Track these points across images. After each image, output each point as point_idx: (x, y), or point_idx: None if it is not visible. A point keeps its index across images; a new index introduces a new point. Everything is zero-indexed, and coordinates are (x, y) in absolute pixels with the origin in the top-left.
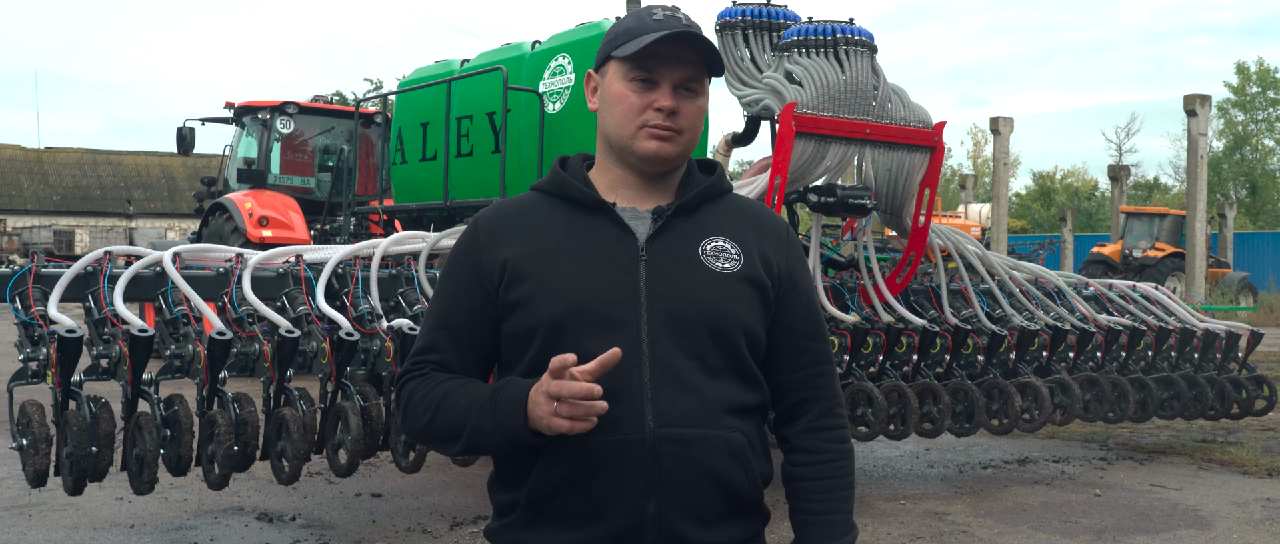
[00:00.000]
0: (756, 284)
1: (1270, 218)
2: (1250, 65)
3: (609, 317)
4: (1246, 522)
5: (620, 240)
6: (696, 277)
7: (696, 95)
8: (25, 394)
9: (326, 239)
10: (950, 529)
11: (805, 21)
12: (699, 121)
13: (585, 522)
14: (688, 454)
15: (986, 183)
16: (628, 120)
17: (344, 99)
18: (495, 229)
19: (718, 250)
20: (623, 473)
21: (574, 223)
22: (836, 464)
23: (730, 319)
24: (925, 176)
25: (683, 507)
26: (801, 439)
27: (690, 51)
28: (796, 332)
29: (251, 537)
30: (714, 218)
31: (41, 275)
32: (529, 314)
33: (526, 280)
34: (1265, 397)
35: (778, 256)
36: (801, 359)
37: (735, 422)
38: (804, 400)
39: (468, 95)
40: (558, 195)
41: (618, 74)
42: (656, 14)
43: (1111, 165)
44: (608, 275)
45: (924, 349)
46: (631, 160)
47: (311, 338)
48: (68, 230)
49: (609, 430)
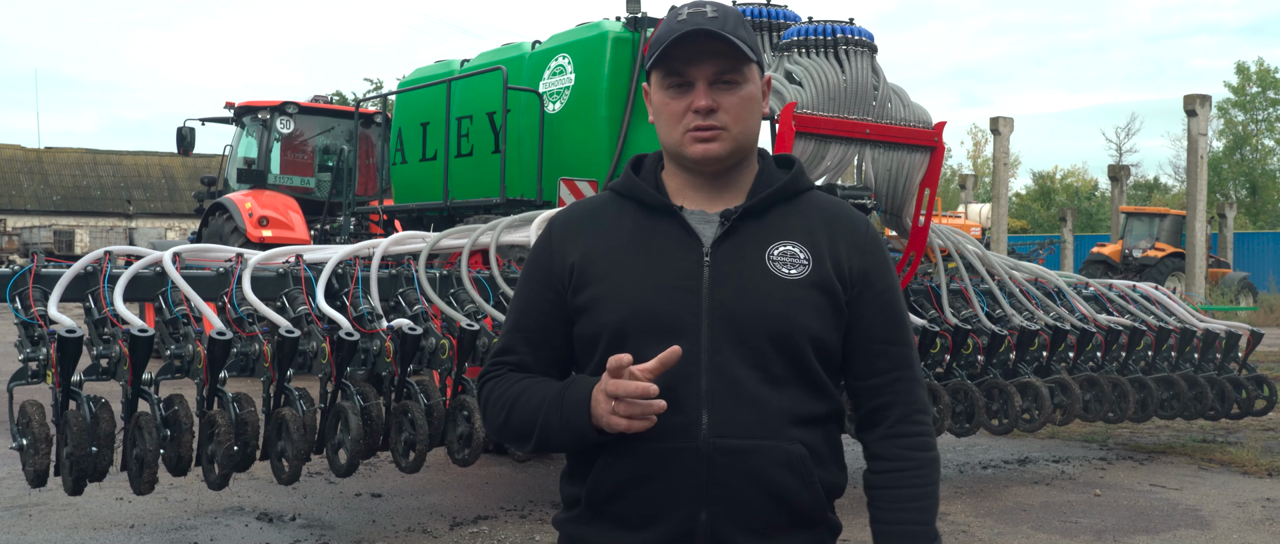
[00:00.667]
0: (826, 290)
1: (1270, 218)
2: (1250, 65)
3: (670, 322)
4: (1246, 522)
5: (685, 244)
6: (761, 283)
7: (737, 86)
8: (25, 394)
9: (326, 239)
10: (950, 529)
11: (805, 21)
12: (746, 112)
13: (640, 525)
14: (742, 465)
15: (986, 183)
16: (672, 127)
17: (344, 99)
18: (567, 232)
19: (785, 255)
20: (676, 480)
21: (641, 225)
22: (915, 472)
23: (795, 327)
24: (925, 176)
25: (735, 517)
26: (880, 446)
27: (717, 44)
28: (871, 336)
29: (251, 537)
30: (785, 220)
31: (41, 275)
32: (594, 319)
33: (592, 284)
34: (1265, 397)
35: (851, 258)
36: (878, 364)
37: (798, 432)
38: (882, 406)
39: (468, 95)
40: (629, 197)
41: (656, 83)
42: (681, 14)
43: (1111, 165)
44: (670, 280)
45: (924, 349)
46: (687, 165)
47: (311, 338)
48: (68, 230)
49: (664, 437)
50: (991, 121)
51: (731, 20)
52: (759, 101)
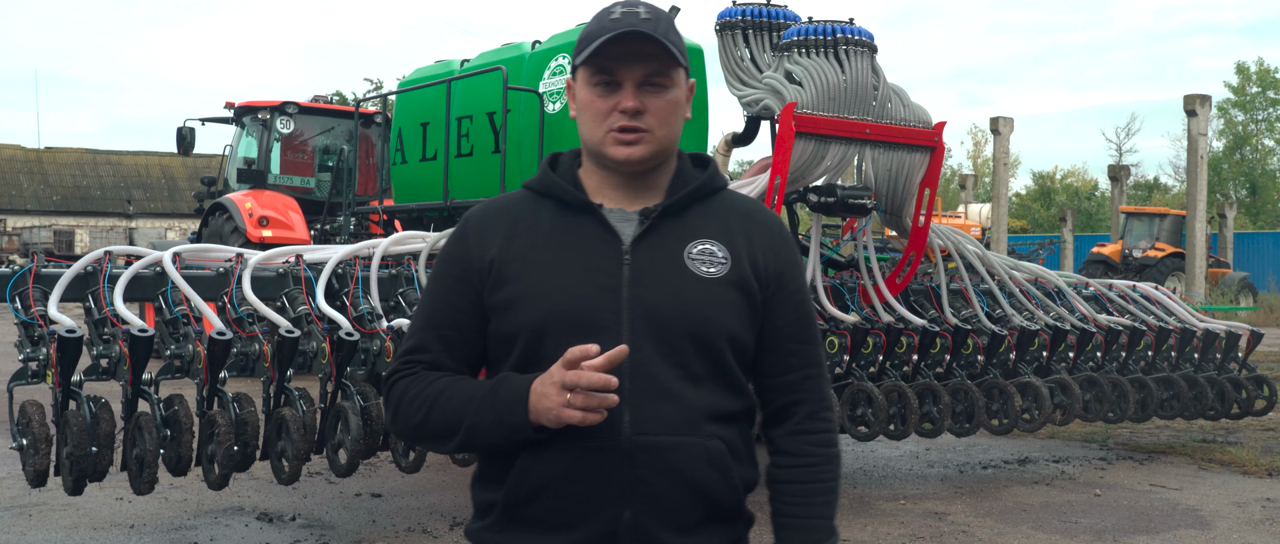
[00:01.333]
0: (743, 288)
1: (1270, 218)
2: (1250, 65)
3: (590, 321)
4: (1246, 522)
5: (605, 243)
6: (680, 281)
7: (664, 89)
8: (25, 394)
9: (326, 239)
10: (950, 529)
11: (805, 21)
12: (671, 116)
13: (561, 527)
14: (665, 462)
15: (986, 183)
16: (596, 126)
17: (344, 99)
18: (483, 229)
19: (704, 254)
20: (599, 479)
21: (560, 224)
22: (819, 468)
23: (713, 326)
24: (925, 176)
25: (659, 514)
26: (786, 442)
27: (648, 46)
28: (785, 334)
29: (251, 537)
30: (703, 218)
31: (41, 275)
32: (512, 317)
33: (510, 283)
34: (1265, 397)
35: (767, 257)
36: (790, 362)
37: (716, 428)
38: (791, 403)
39: (468, 95)
40: (546, 195)
41: (583, 80)
42: (614, 12)
43: (1111, 165)
44: (590, 279)
45: (924, 349)
46: (608, 165)
47: (311, 338)
48: (68, 230)
49: (586, 436)
50: (991, 121)
51: (663, 23)
52: (684, 105)
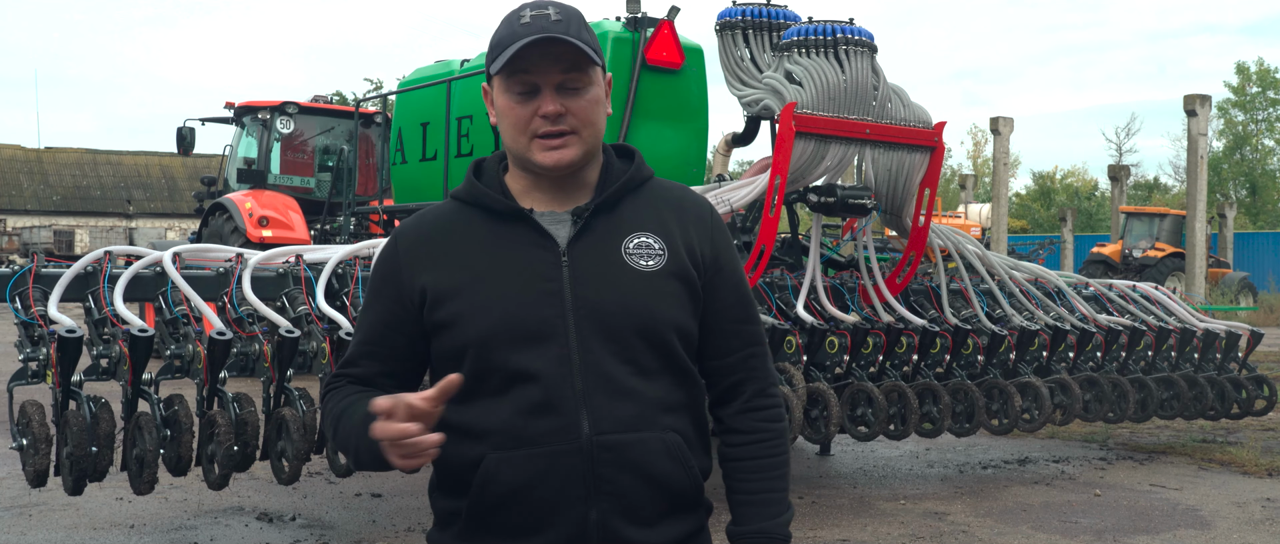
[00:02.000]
0: (683, 278)
1: (1270, 218)
2: (1250, 65)
3: (536, 329)
4: (1246, 522)
5: (541, 247)
6: (621, 278)
7: (583, 89)
8: (25, 394)
9: (326, 239)
10: (950, 529)
11: (805, 21)
12: (593, 114)
13: (528, 532)
14: (625, 459)
15: (986, 183)
16: (519, 133)
17: (344, 99)
18: (414, 248)
19: (641, 247)
20: (563, 483)
21: (493, 234)
22: (771, 443)
23: (659, 319)
24: (925, 176)
25: (624, 511)
26: (736, 420)
27: (563, 49)
28: (725, 316)
29: (251, 537)
30: (636, 211)
31: (41, 275)
32: (456, 334)
33: (449, 301)
34: (1265, 397)
35: (702, 243)
36: (732, 343)
37: (671, 420)
38: (737, 383)
39: (468, 95)
40: (474, 204)
41: (500, 88)
42: (524, 16)
43: (1111, 165)
44: (531, 285)
45: (924, 349)
46: (536, 170)
47: (311, 338)
48: (68, 230)
49: (546, 441)
50: (991, 121)
51: (574, 22)
52: (604, 102)
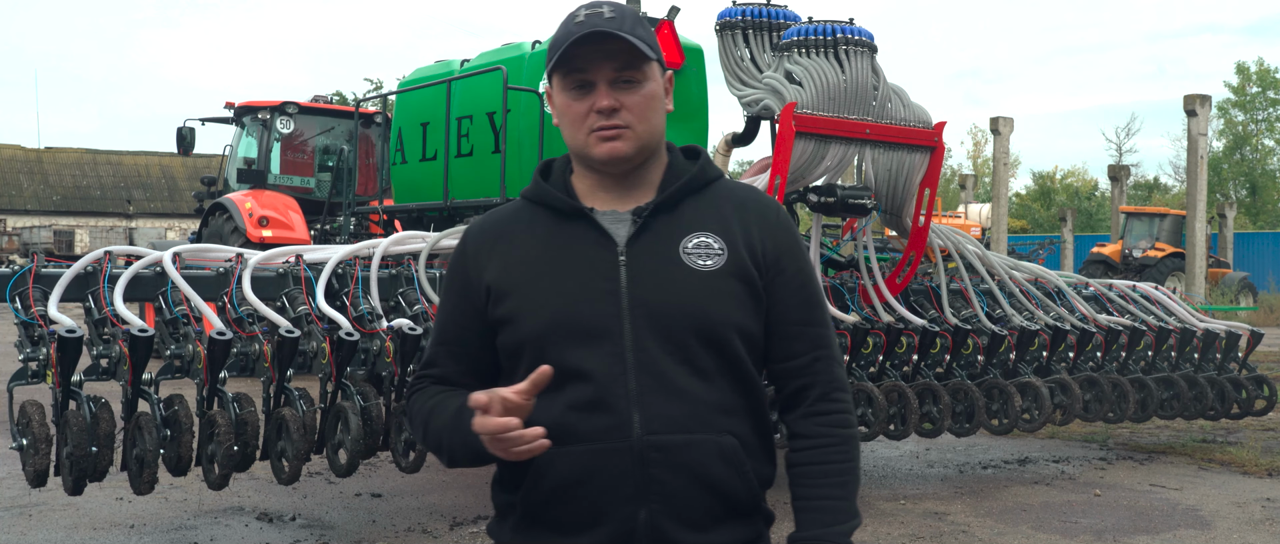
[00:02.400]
0: (743, 278)
1: (1270, 218)
2: (1250, 65)
3: (592, 327)
4: (1246, 522)
5: (600, 246)
6: (678, 277)
7: (638, 84)
8: (25, 394)
9: (326, 239)
10: (950, 529)
11: (805, 21)
12: (649, 109)
13: (579, 529)
14: (677, 461)
15: (986, 183)
16: (577, 129)
17: (344, 99)
18: (480, 245)
19: (700, 247)
20: (612, 481)
21: (555, 232)
22: (835, 449)
23: (716, 319)
24: (925, 176)
25: (674, 513)
26: (800, 425)
27: (615, 44)
28: (788, 318)
29: (251, 537)
30: (697, 211)
31: (41, 275)
32: (515, 330)
33: (509, 297)
34: (1265, 397)
35: (764, 242)
36: (796, 345)
37: (728, 423)
38: (803, 387)
39: (468, 95)
40: (540, 203)
41: (558, 86)
42: (579, 16)
43: (1111, 165)
44: (588, 284)
45: (924, 349)
46: (594, 166)
47: (311, 338)
48: (68, 230)
49: (597, 439)
50: (991, 121)
51: (629, 19)
52: (661, 98)
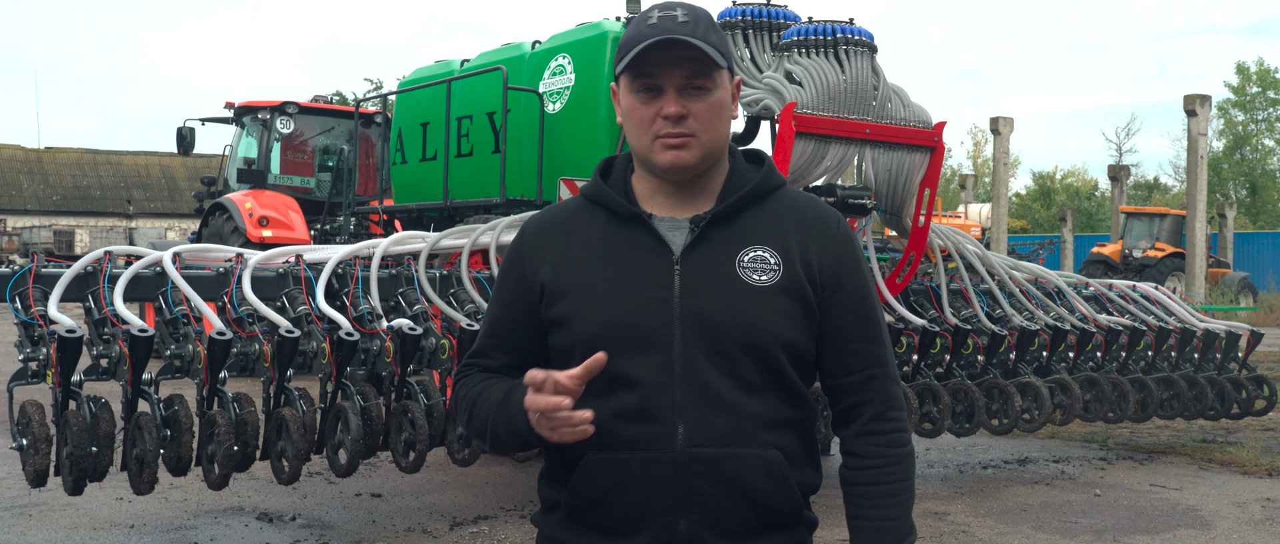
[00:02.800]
0: (797, 295)
1: (1270, 218)
2: (1250, 65)
3: (642, 334)
4: (1246, 522)
5: (655, 253)
6: (732, 290)
7: (707, 92)
8: (25, 394)
9: (326, 239)
10: (950, 529)
11: (805, 21)
12: (716, 119)
13: (620, 533)
14: (719, 474)
15: (986, 183)
16: (642, 133)
17: (344, 99)
18: (538, 242)
19: (756, 261)
20: (654, 490)
21: (611, 235)
22: (888, 469)
23: (766, 334)
24: (925, 176)
25: (713, 525)
26: (854, 443)
27: (688, 50)
28: (844, 335)
29: (251, 537)
30: (756, 223)
31: (41, 275)
32: (568, 332)
33: (564, 298)
34: (1265, 397)
35: (822, 257)
36: (851, 362)
37: (773, 437)
38: (857, 404)
39: (468, 95)
40: (598, 203)
41: (626, 87)
42: (652, 17)
43: (1111, 165)
44: (641, 291)
45: (924, 349)
46: (656, 172)
47: (311, 338)
48: (68, 230)
49: (640, 448)
50: (991, 121)
51: (702, 24)
52: (729, 107)
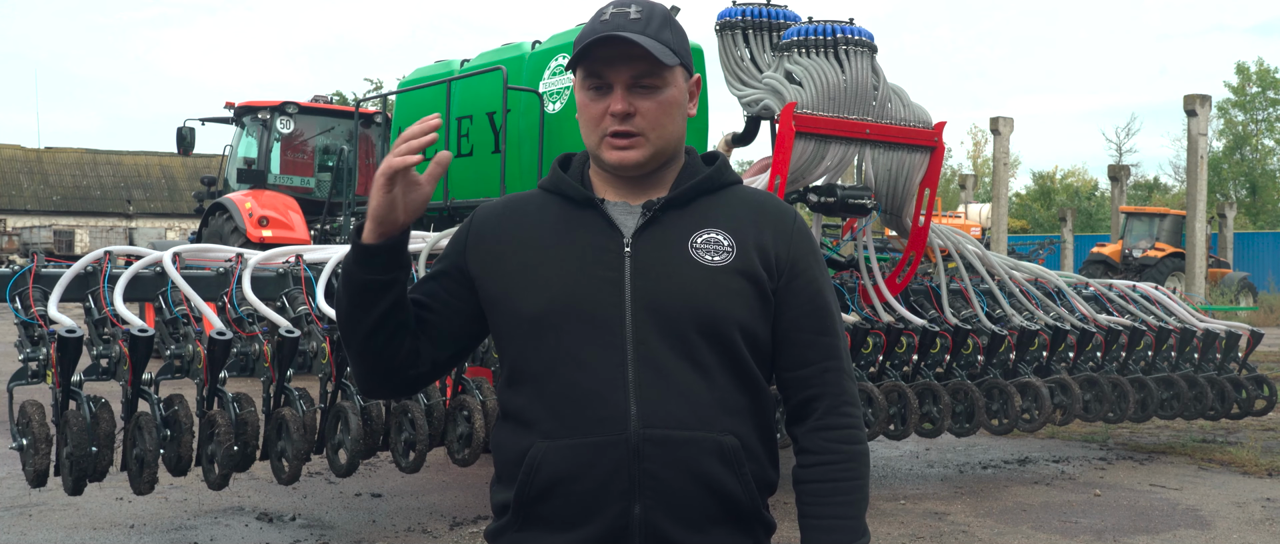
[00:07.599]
0: (751, 277)
1: (1270, 218)
2: (1250, 65)
3: (592, 314)
4: (1246, 522)
5: (606, 235)
6: (684, 271)
7: (656, 90)
8: (25, 394)
9: (326, 239)
10: (950, 529)
11: (805, 21)
12: (665, 117)
13: (572, 525)
14: (673, 457)
15: (986, 183)
16: (591, 130)
17: (344, 99)
18: (485, 225)
19: (709, 243)
20: (607, 475)
21: (563, 219)
22: (843, 465)
23: (720, 315)
24: (925, 176)
25: (669, 510)
26: (808, 439)
27: (633, 48)
28: (799, 326)
29: (251, 537)
30: (711, 210)
31: (41, 275)
32: (511, 310)
33: (508, 276)
34: (1265, 397)
35: (779, 247)
36: (806, 354)
37: (731, 423)
38: (810, 398)
39: (468, 95)
40: (554, 192)
41: (578, 83)
42: (605, 13)
43: (1111, 165)
44: (589, 271)
45: (924, 349)
46: (604, 167)
47: (311, 338)
48: (68, 230)
49: (593, 431)
50: (991, 121)
51: (655, 21)
52: (682, 104)
